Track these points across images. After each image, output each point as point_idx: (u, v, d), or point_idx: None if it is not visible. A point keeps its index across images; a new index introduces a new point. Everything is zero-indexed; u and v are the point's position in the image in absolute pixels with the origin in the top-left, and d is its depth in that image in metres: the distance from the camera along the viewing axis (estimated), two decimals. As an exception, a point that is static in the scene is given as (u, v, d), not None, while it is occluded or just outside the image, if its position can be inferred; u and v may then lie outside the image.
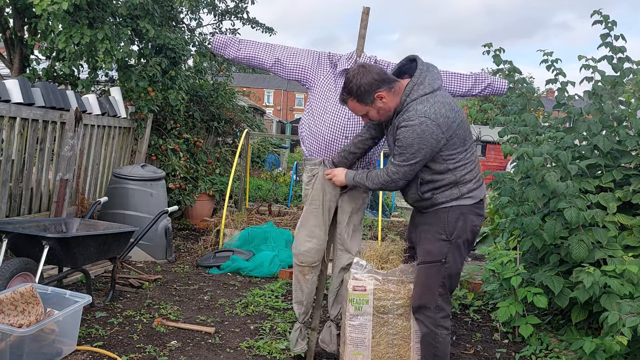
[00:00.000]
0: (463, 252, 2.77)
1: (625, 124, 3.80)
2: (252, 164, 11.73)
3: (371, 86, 2.61)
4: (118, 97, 6.37)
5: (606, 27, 3.98)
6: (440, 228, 2.71)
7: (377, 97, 2.63)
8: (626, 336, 2.82)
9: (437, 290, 2.73)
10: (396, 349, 2.86)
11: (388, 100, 2.65)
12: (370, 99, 2.64)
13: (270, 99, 53.50)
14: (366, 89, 2.62)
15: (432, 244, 2.73)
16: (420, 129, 2.53)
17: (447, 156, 2.63)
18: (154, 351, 3.27)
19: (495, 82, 3.35)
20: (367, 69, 2.65)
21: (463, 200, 2.70)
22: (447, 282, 2.74)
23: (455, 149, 2.63)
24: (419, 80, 2.61)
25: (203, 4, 8.25)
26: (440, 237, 2.71)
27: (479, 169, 2.79)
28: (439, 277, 2.72)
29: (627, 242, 3.50)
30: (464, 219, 2.70)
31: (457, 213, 2.69)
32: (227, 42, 3.35)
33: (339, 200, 3.16)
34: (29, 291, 2.94)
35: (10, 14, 6.61)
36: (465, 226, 2.70)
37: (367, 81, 2.61)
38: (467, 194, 2.70)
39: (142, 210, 5.38)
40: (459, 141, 2.63)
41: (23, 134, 4.73)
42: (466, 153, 2.68)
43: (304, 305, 3.23)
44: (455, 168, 2.66)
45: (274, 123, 31.33)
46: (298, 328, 3.26)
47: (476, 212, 2.74)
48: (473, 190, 2.72)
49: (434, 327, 2.74)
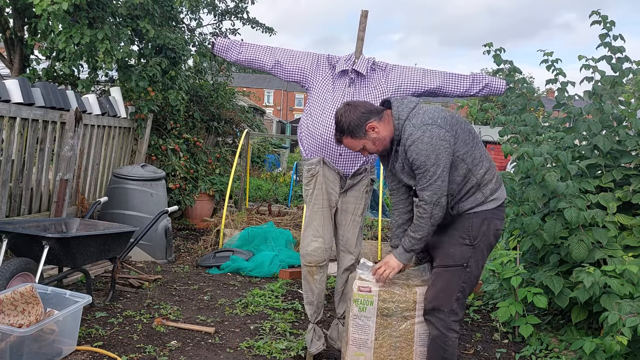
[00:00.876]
0: (484, 256, 2.74)
1: (625, 124, 3.80)
2: (252, 164, 11.74)
3: (360, 119, 2.65)
4: (118, 97, 6.38)
5: (605, 27, 3.98)
6: (464, 232, 2.68)
7: (369, 128, 2.66)
8: (626, 336, 2.81)
9: (455, 295, 2.69)
10: (399, 352, 2.83)
11: (381, 130, 2.67)
12: (362, 132, 2.67)
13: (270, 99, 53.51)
14: (356, 123, 2.65)
15: (455, 247, 2.69)
16: (427, 137, 2.52)
17: (464, 155, 2.60)
18: (154, 351, 3.27)
19: (493, 82, 3.35)
20: (353, 105, 2.71)
21: (488, 204, 2.67)
22: (466, 286, 2.71)
23: (467, 145, 2.61)
24: (399, 103, 2.66)
25: (203, 4, 8.26)
26: (464, 242, 2.68)
27: (495, 167, 2.76)
28: (459, 281, 2.69)
29: (627, 242, 3.50)
30: (488, 223, 2.67)
31: (481, 218, 2.66)
32: (229, 46, 3.39)
33: (340, 202, 3.16)
34: (29, 291, 2.94)
35: (10, 14, 6.62)
36: (488, 231, 2.68)
37: (356, 116, 2.65)
38: (490, 196, 2.67)
39: (142, 210, 5.38)
40: (467, 136, 2.62)
41: (23, 134, 4.73)
42: (478, 148, 2.67)
43: (314, 306, 3.23)
44: (474, 167, 2.63)
45: (274, 123, 31.35)
46: (312, 329, 3.26)
47: (500, 215, 2.72)
48: (495, 190, 2.69)
49: (446, 330, 2.70)
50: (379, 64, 3.26)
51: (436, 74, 3.28)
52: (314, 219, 3.14)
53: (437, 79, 3.26)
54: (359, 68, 3.17)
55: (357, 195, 3.17)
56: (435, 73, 3.28)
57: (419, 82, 3.22)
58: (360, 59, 3.20)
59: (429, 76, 3.26)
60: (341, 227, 3.20)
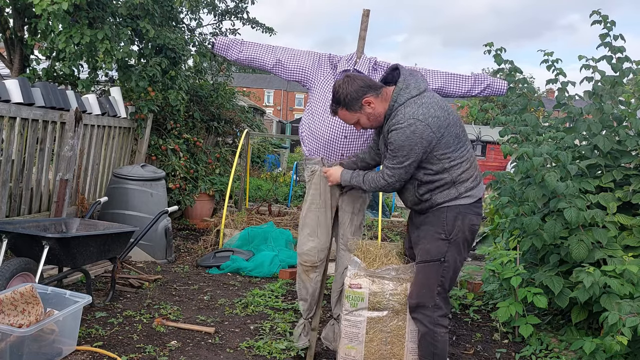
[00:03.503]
0: (462, 251, 2.79)
1: (625, 124, 3.80)
2: (252, 164, 11.74)
3: (358, 92, 2.67)
4: (118, 97, 6.37)
5: (605, 27, 3.98)
6: (439, 227, 2.73)
7: (365, 102, 2.68)
8: (626, 336, 2.82)
9: (435, 289, 2.75)
10: (389, 347, 2.90)
11: (376, 106, 2.69)
12: (358, 106, 2.69)
13: (270, 99, 53.50)
14: (353, 96, 2.67)
15: (431, 243, 2.75)
16: (409, 131, 2.56)
17: (442, 155, 2.65)
18: (154, 351, 3.27)
19: (495, 83, 3.35)
20: (352, 77, 2.72)
21: (461, 199, 2.72)
22: (445, 281, 2.76)
23: (448, 148, 2.65)
24: (404, 85, 2.66)
25: (203, 4, 8.26)
26: (440, 237, 2.73)
27: (476, 167, 2.81)
28: (438, 276, 2.74)
29: (627, 242, 3.50)
30: (462, 218, 2.72)
31: (455, 212, 2.72)
32: (230, 44, 3.38)
33: (339, 201, 3.16)
34: (29, 291, 2.94)
35: (10, 14, 6.62)
36: (463, 225, 2.73)
37: (354, 88, 2.67)
38: (464, 193, 2.72)
39: (142, 210, 5.38)
40: (452, 140, 2.66)
41: (23, 134, 4.73)
42: (461, 151, 2.70)
43: (308, 303, 3.25)
44: (451, 167, 2.68)
45: (274, 123, 31.35)
46: (302, 324, 3.28)
47: (475, 211, 2.77)
48: (471, 189, 2.74)
49: (433, 325, 2.75)
50: (381, 63, 3.26)
51: (438, 74, 3.28)
52: (310, 219, 3.15)
53: (438, 80, 3.26)
54: (360, 68, 3.16)
55: (358, 194, 3.18)
56: (436, 74, 3.29)
57: None
58: (361, 59, 3.20)
59: (431, 77, 3.26)
60: (341, 226, 3.20)
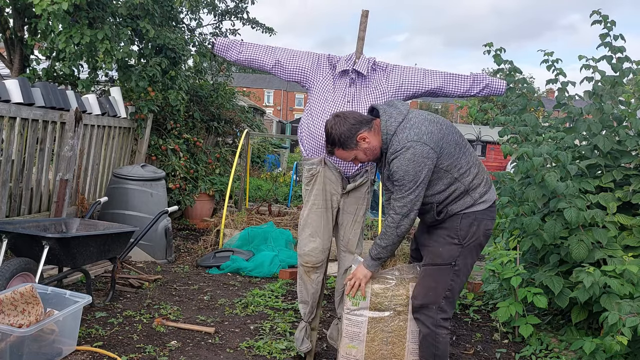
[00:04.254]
0: (475, 255, 2.76)
1: (625, 124, 3.80)
2: (252, 164, 11.74)
3: (351, 131, 2.66)
4: (118, 97, 6.38)
5: (605, 27, 3.98)
6: (452, 232, 2.70)
7: (360, 138, 2.68)
8: (626, 336, 2.82)
9: (443, 293, 2.71)
10: (390, 347, 2.89)
11: (371, 140, 2.69)
12: (354, 143, 2.69)
13: (270, 99, 53.51)
14: (347, 135, 2.67)
15: (443, 247, 2.72)
16: (410, 154, 2.55)
17: (448, 166, 2.63)
18: (154, 351, 3.27)
19: (494, 82, 3.35)
20: (343, 116, 2.71)
21: (477, 206, 2.69)
22: (455, 285, 2.73)
23: (452, 157, 2.64)
24: (387, 117, 2.66)
25: (203, 4, 8.26)
26: (452, 241, 2.70)
27: (484, 170, 2.78)
28: (448, 279, 2.71)
29: (627, 242, 3.50)
30: (477, 224, 2.69)
31: (471, 219, 2.68)
32: (229, 45, 3.39)
33: (341, 202, 3.16)
34: (29, 291, 2.94)
35: (10, 14, 6.62)
36: (478, 231, 2.70)
37: (347, 127, 2.67)
38: (479, 199, 2.69)
39: (142, 210, 5.38)
40: (452, 148, 2.64)
41: (23, 134, 4.73)
42: (466, 157, 2.68)
43: (309, 305, 3.23)
44: (460, 176, 2.65)
45: (274, 123, 31.35)
46: (303, 327, 3.26)
47: (490, 215, 2.74)
48: (485, 193, 2.71)
49: (435, 327, 2.73)
50: (380, 64, 3.26)
51: (437, 74, 3.28)
52: (312, 219, 3.14)
53: (437, 80, 3.26)
54: (359, 68, 3.16)
55: (359, 196, 3.17)
56: (435, 73, 3.28)
57: (419, 82, 3.22)
58: (360, 59, 3.20)
59: (430, 77, 3.26)
60: (342, 227, 3.20)
